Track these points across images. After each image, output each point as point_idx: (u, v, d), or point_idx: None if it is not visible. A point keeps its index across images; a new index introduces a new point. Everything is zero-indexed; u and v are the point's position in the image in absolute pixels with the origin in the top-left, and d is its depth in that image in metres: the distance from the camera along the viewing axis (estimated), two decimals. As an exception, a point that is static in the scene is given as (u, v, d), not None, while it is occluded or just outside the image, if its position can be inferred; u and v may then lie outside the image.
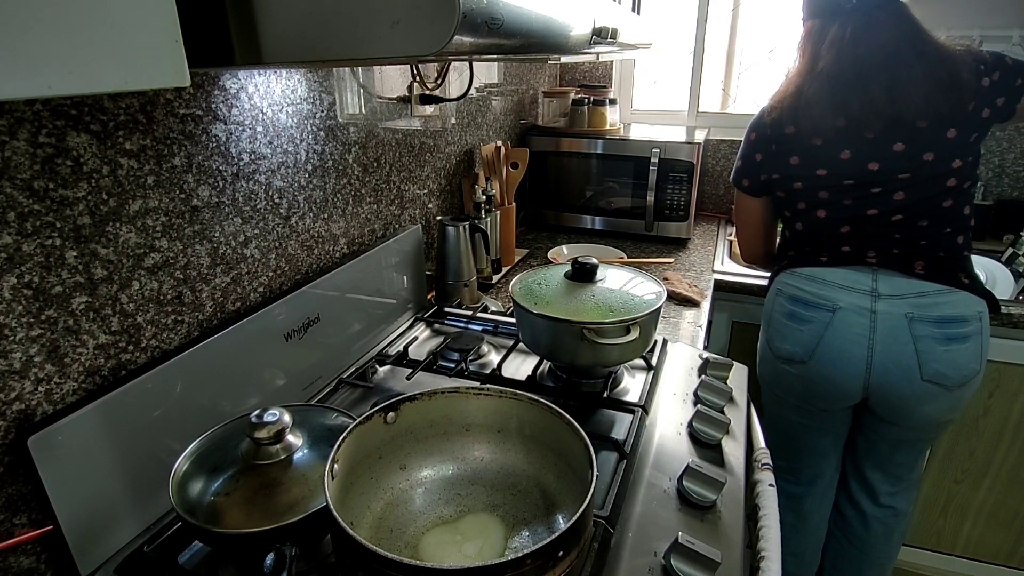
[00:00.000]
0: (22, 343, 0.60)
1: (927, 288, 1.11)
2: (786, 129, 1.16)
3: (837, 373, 1.17)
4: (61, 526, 0.61)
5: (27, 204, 0.59)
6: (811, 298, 1.18)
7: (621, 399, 0.94)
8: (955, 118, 1.05)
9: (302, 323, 0.92)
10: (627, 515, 0.72)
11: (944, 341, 1.10)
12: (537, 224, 1.96)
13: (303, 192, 0.97)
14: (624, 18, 0.93)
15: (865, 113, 1.07)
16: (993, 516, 1.64)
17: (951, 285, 1.10)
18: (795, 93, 1.14)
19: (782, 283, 1.25)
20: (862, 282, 1.14)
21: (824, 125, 1.11)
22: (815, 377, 1.20)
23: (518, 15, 0.48)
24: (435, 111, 1.29)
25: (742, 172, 1.28)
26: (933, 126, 1.06)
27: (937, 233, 1.12)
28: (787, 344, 1.23)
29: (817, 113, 1.11)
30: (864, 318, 1.13)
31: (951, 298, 1.10)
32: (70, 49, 0.31)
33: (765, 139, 1.20)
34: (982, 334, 1.12)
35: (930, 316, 1.10)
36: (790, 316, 1.21)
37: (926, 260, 1.12)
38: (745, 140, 1.26)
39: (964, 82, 1.04)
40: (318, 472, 0.65)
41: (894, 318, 1.11)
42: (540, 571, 0.50)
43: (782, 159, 1.18)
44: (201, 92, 0.77)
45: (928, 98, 1.04)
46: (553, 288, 0.97)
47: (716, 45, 2.11)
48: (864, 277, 1.14)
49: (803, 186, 1.17)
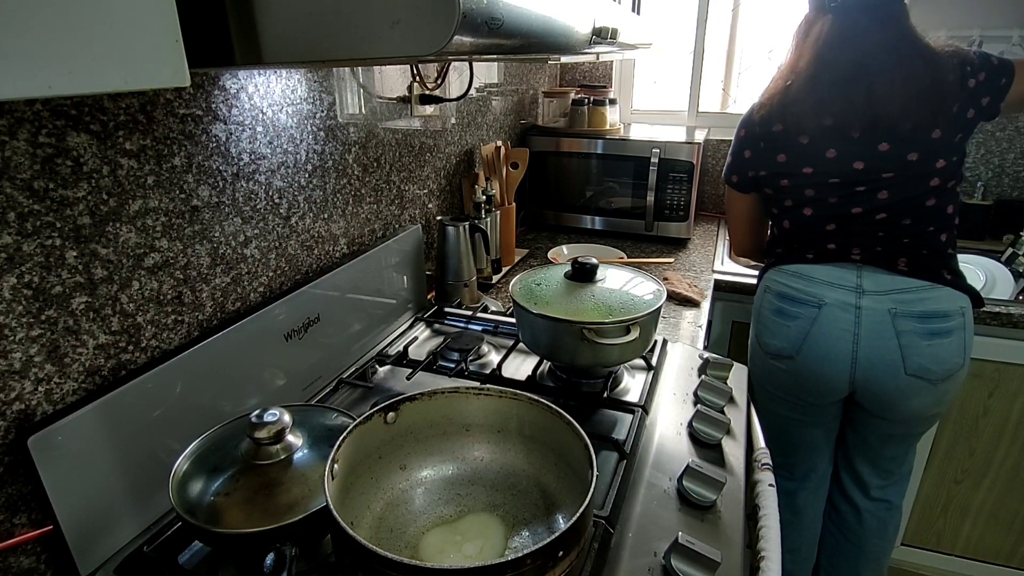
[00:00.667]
0: (22, 343, 0.60)
1: (910, 284, 1.12)
2: (774, 127, 1.17)
3: (824, 368, 1.19)
4: (61, 526, 0.61)
5: (27, 204, 0.59)
6: (798, 294, 1.20)
7: (621, 399, 0.94)
8: (939, 120, 1.06)
9: (302, 323, 0.92)
10: (627, 515, 0.72)
11: (927, 336, 1.11)
12: (537, 224, 1.96)
13: (303, 192, 0.97)
14: (624, 18, 0.93)
15: (846, 115, 1.09)
16: (993, 516, 1.64)
17: (934, 281, 1.12)
18: (782, 90, 1.16)
19: (770, 280, 1.26)
20: (847, 278, 1.16)
21: (809, 124, 1.12)
22: (803, 372, 1.22)
23: (518, 15, 0.48)
24: (435, 111, 1.29)
25: (732, 168, 1.29)
26: (917, 127, 1.07)
27: (920, 231, 1.13)
28: (775, 340, 1.24)
29: (802, 112, 1.13)
30: (849, 314, 1.15)
31: (933, 294, 1.11)
32: (70, 49, 0.31)
33: (754, 136, 1.22)
34: (965, 329, 1.13)
35: (913, 312, 1.11)
36: (778, 312, 1.23)
37: (909, 257, 1.13)
38: (735, 137, 1.27)
39: (948, 84, 1.05)
40: (318, 472, 0.65)
41: (878, 314, 1.13)
42: (540, 571, 0.50)
43: (770, 156, 1.20)
44: (201, 92, 0.77)
45: (908, 102, 1.05)
46: (553, 288, 0.97)
47: (716, 45, 2.11)
48: (849, 274, 1.16)
49: (790, 184, 1.19)
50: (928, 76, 1.05)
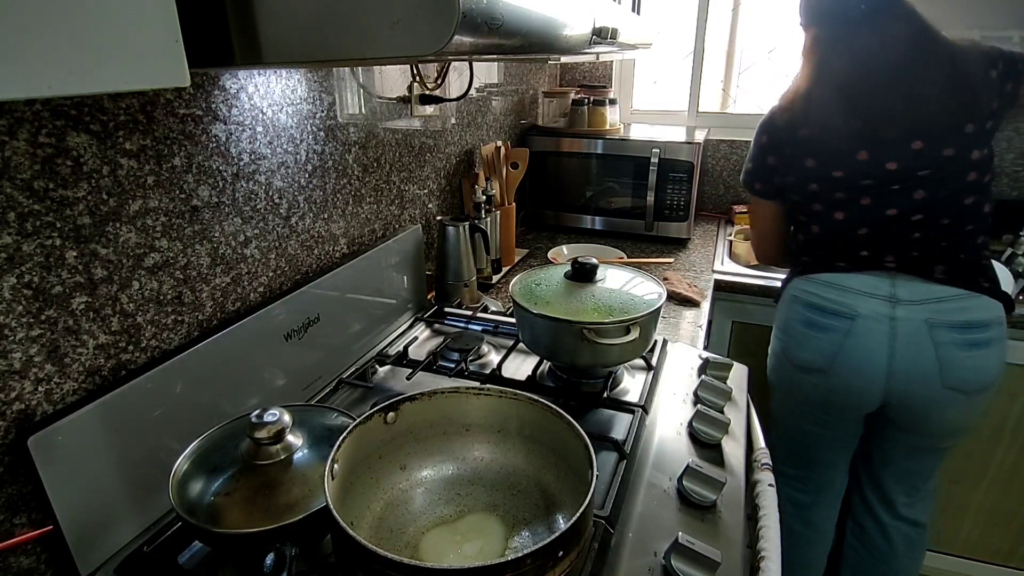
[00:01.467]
0: (22, 343, 0.60)
1: (947, 293, 1.09)
2: (800, 132, 1.14)
3: (857, 382, 1.15)
4: (61, 526, 0.61)
5: (27, 204, 0.59)
6: (830, 305, 1.16)
7: (621, 399, 0.94)
8: (971, 113, 1.05)
9: (302, 323, 0.92)
10: (627, 515, 0.72)
11: (966, 347, 1.08)
12: (537, 224, 1.96)
13: (303, 192, 0.97)
14: (624, 18, 0.93)
15: (882, 120, 1.06)
16: (991, 516, 1.64)
17: (972, 289, 1.09)
18: (805, 96, 1.13)
19: (798, 290, 1.22)
20: (880, 287, 1.12)
21: (838, 128, 1.09)
22: (835, 386, 1.18)
23: (518, 15, 0.48)
24: (435, 111, 1.29)
25: (754, 175, 1.25)
26: (951, 122, 1.05)
27: (959, 232, 1.10)
28: (805, 352, 1.20)
29: (830, 116, 1.10)
30: (884, 325, 1.11)
31: (972, 303, 1.08)
32: (70, 49, 0.31)
33: (778, 142, 1.18)
34: (1003, 339, 1.10)
35: (952, 321, 1.08)
36: (808, 324, 1.19)
37: (947, 263, 1.10)
38: (755, 143, 1.23)
39: (976, 77, 1.04)
40: (318, 472, 0.65)
41: (914, 324, 1.09)
42: (540, 571, 0.50)
43: (796, 162, 1.16)
44: (201, 92, 0.77)
45: (944, 100, 1.04)
46: (553, 288, 0.97)
47: (716, 45, 2.11)
48: (882, 282, 1.12)
49: (819, 188, 1.15)
50: (958, 70, 1.04)
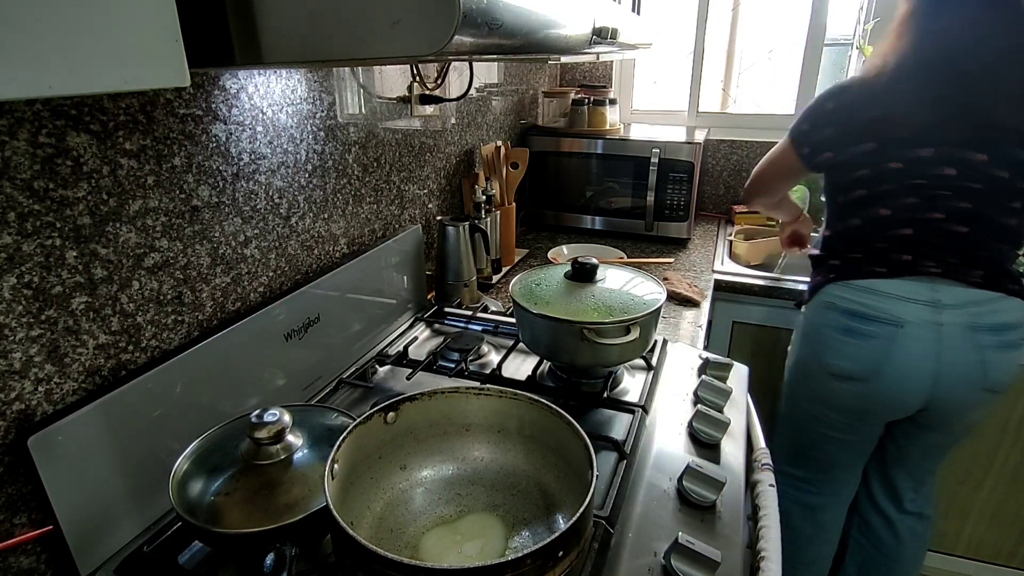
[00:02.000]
0: (22, 343, 0.60)
1: (982, 296, 1.08)
2: (873, 111, 1.08)
3: (902, 388, 1.13)
4: (61, 526, 0.61)
5: (27, 204, 0.59)
6: (871, 312, 1.12)
7: (621, 399, 0.94)
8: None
9: (302, 323, 0.92)
10: (627, 515, 0.72)
11: (1002, 348, 1.09)
12: (537, 224, 1.96)
13: (303, 192, 0.97)
14: (624, 18, 0.93)
15: (959, 113, 1.03)
16: (995, 516, 1.64)
17: (1004, 292, 1.09)
18: (893, 73, 1.06)
19: (833, 295, 1.17)
20: (922, 293, 1.10)
21: (915, 117, 1.05)
22: (875, 394, 1.15)
23: (518, 15, 0.48)
24: (435, 111, 1.29)
25: (806, 137, 1.18)
26: (1015, 143, 1.03)
27: (997, 247, 1.10)
28: (843, 361, 1.16)
29: (911, 101, 1.05)
30: (930, 331, 1.09)
31: (1005, 305, 1.09)
32: (70, 49, 0.31)
33: (845, 115, 1.12)
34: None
35: (989, 324, 1.08)
36: (846, 331, 1.15)
37: (985, 269, 1.09)
38: (819, 107, 1.16)
39: None
40: (318, 472, 0.65)
41: (959, 329, 1.08)
42: (540, 571, 0.50)
43: (856, 143, 1.11)
44: (201, 92, 0.77)
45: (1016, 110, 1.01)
46: (553, 288, 0.97)
47: (716, 45, 2.11)
48: (923, 287, 1.10)
49: (870, 174, 1.11)
50: None
